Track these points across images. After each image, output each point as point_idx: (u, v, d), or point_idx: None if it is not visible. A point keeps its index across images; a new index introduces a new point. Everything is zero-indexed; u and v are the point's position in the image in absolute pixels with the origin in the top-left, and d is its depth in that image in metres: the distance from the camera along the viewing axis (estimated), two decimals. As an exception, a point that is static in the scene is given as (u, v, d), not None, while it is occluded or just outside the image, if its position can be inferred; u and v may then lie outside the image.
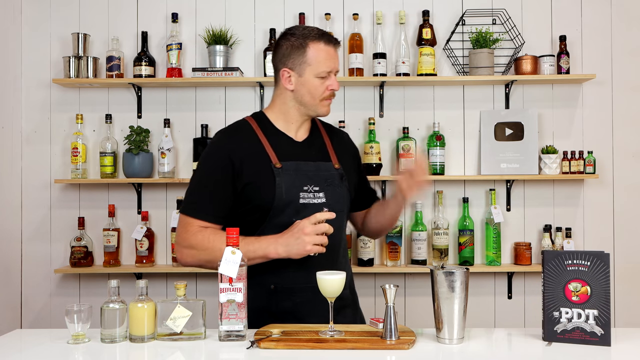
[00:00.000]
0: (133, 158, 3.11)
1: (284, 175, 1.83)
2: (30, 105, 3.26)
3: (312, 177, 1.87)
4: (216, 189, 1.85)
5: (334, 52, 1.87)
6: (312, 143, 1.96)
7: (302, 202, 1.84)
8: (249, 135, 1.90)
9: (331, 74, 1.86)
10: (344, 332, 1.62)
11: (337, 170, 1.93)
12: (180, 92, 3.27)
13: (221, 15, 3.28)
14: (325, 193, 1.87)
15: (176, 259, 3.15)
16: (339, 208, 1.87)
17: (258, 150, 1.87)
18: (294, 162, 1.87)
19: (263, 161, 1.85)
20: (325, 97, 1.88)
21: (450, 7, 3.27)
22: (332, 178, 1.91)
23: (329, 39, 1.86)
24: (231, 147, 1.87)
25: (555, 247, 3.14)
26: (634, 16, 3.25)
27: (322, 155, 1.95)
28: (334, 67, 1.86)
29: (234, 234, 1.63)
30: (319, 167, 1.90)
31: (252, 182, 1.83)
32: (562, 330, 1.58)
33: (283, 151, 1.88)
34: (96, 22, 3.27)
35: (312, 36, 1.85)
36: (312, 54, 1.84)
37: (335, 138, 2.04)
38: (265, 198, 1.82)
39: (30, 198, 3.25)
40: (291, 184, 1.83)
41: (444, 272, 1.57)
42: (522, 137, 3.18)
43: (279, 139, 1.91)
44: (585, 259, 1.57)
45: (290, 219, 1.80)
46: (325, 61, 1.84)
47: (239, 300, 1.59)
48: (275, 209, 1.82)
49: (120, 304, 1.62)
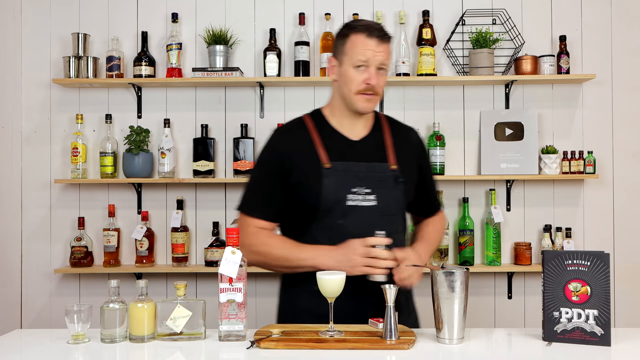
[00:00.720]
0: (133, 158, 3.11)
1: (331, 176, 1.81)
2: (30, 105, 3.26)
3: (363, 178, 1.82)
4: (266, 187, 1.86)
5: (376, 45, 1.78)
6: (369, 142, 1.89)
7: (350, 204, 1.79)
8: (302, 134, 1.88)
9: (369, 67, 1.79)
10: (344, 332, 1.62)
11: (392, 171, 1.85)
12: (180, 92, 3.27)
13: (221, 15, 3.28)
14: (376, 195, 1.81)
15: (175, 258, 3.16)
16: (390, 212, 1.83)
17: (309, 150, 1.85)
18: (344, 163, 1.82)
19: (313, 161, 1.83)
20: (360, 90, 1.80)
21: (450, 7, 3.27)
22: (386, 180, 1.84)
23: (372, 31, 1.79)
24: (282, 146, 1.87)
25: (555, 247, 3.14)
26: (634, 16, 3.25)
27: (379, 155, 1.87)
28: (370, 58, 1.78)
29: (234, 234, 1.63)
30: (372, 168, 1.84)
31: (301, 182, 1.83)
32: (562, 330, 1.58)
33: (335, 151, 1.85)
34: (96, 22, 3.27)
35: (357, 27, 1.81)
36: (350, 43, 1.80)
37: (399, 136, 1.94)
38: (312, 198, 1.80)
39: (30, 198, 3.25)
40: (338, 186, 1.80)
41: (444, 272, 1.57)
42: (522, 137, 3.18)
43: (333, 138, 1.87)
44: (585, 259, 1.57)
45: (336, 221, 1.79)
46: (362, 51, 1.78)
47: (239, 300, 1.59)
48: (322, 210, 1.80)
49: (120, 304, 1.62)
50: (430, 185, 2.04)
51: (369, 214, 1.79)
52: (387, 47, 1.81)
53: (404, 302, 1.89)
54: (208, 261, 3.12)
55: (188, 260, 3.20)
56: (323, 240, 1.81)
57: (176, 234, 3.15)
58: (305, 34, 3.17)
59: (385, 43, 1.80)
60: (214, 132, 3.25)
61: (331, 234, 1.79)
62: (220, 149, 3.26)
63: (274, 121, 3.22)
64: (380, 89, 1.84)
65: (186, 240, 3.18)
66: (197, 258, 3.24)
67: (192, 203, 3.26)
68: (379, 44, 1.79)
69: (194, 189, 3.26)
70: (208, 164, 3.15)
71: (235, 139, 3.16)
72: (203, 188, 3.26)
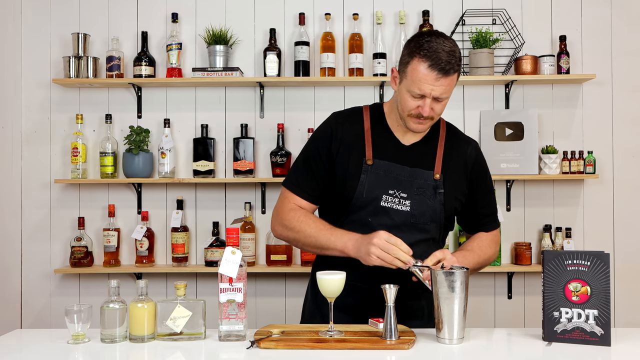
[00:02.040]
0: (133, 158, 3.11)
1: (371, 174, 1.80)
2: (30, 105, 3.26)
3: (403, 182, 1.80)
4: (312, 168, 1.86)
5: (435, 79, 1.69)
6: (419, 148, 1.86)
7: (384, 205, 1.78)
8: (357, 123, 1.87)
9: (425, 98, 1.72)
10: (344, 332, 1.62)
11: (435, 181, 1.81)
12: (180, 92, 3.27)
13: (221, 15, 3.28)
14: (412, 201, 1.79)
15: (175, 258, 3.16)
16: (423, 220, 1.80)
17: (358, 142, 1.84)
18: (387, 163, 1.81)
19: (358, 153, 1.82)
20: (411, 114, 1.76)
21: (450, 7, 3.27)
22: (426, 188, 1.80)
23: (436, 63, 1.68)
24: (335, 131, 1.86)
25: (555, 247, 3.14)
26: (634, 16, 3.25)
27: (425, 163, 1.83)
28: (427, 92, 1.70)
29: (234, 234, 1.63)
30: (415, 174, 1.81)
31: (341, 172, 1.83)
32: (562, 330, 1.58)
33: (382, 149, 1.83)
34: (96, 22, 3.27)
35: (422, 52, 1.70)
36: (411, 69, 1.72)
37: (454, 147, 1.88)
38: (347, 191, 1.80)
39: (30, 198, 3.25)
40: (375, 185, 1.79)
41: (444, 272, 1.57)
42: (522, 137, 3.18)
43: (384, 136, 1.86)
44: (585, 259, 1.57)
45: (367, 219, 1.79)
46: (419, 83, 1.70)
47: (239, 300, 1.59)
48: (354, 204, 1.80)
49: (120, 304, 1.62)
50: (483, 202, 1.95)
51: (400, 218, 1.78)
52: (449, 80, 1.71)
53: (424, 306, 1.87)
54: (208, 261, 3.13)
55: (188, 260, 3.20)
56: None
57: (176, 234, 3.15)
58: (305, 34, 3.17)
59: (448, 77, 1.70)
60: (214, 132, 3.25)
61: (359, 230, 1.77)
62: (220, 149, 3.26)
63: (273, 121, 3.22)
64: (436, 115, 1.77)
65: (186, 240, 3.18)
66: (197, 258, 3.24)
67: (192, 203, 3.26)
68: (441, 78, 1.69)
69: (194, 189, 3.26)
70: (208, 164, 3.15)
71: (235, 139, 3.16)
72: (203, 188, 3.26)
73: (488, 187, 1.96)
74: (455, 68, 1.71)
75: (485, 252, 1.91)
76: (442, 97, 1.73)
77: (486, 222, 1.96)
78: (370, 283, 1.76)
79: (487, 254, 1.91)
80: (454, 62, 1.70)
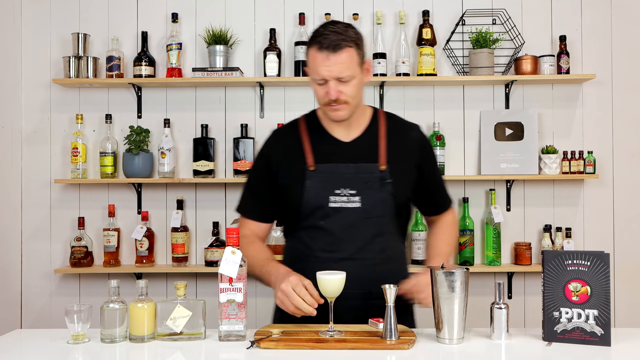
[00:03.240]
0: (133, 158, 3.11)
1: (315, 178, 1.80)
2: (30, 105, 3.26)
3: (349, 179, 1.79)
4: (256, 190, 1.91)
5: (326, 59, 1.70)
6: (361, 143, 1.85)
7: (333, 206, 1.78)
8: (293, 135, 1.89)
9: (328, 81, 1.72)
10: (344, 332, 1.62)
11: (381, 172, 1.81)
12: (180, 92, 3.27)
13: (221, 15, 3.28)
14: (361, 197, 1.78)
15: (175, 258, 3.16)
16: (375, 213, 1.80)
17: (297, 152, 1.85)
18: (330, 165, 1.81)
19: (299, 164, 1.83)
20: (325, 102, 1.76)
21: (450, 7, 3.26)
22: (372, 181, 1.80)
23: (322, 44, 1.70)
24: (273, 147, 1.91)
25: (555, 247, 3.14)
26: (634, 16, 3.25)
27: (369, 156, 1.83)
28: (324, 75, 1.71)
29: (234, 234, 1.63)
30: (359, 169, 1.80)
31: (285, 184, 1.84)
32: (562, 330, 1.58)
33: (322, 152, 1.83)
34: (96, 22, 3.27)
35: (311, 40, 1.74)
36: (308, 58, 1.76)
37: (396, 135, 1.88)
38: (295, 200, 1.81)
39: (30, 198, 3.25)
40: (321, 188, 1.79)
41: (444, 272, 1.57)
42: (522, 137, 3.18)
43: (323, 140, 1.86)
44: (585, 259, 1.57)
45: (318, 223, 1.80)
46: (315, 68, 1.73)
47: (239, 300, 1.59)
48: (303, 212, 1.81)
49: (120, 304, 1.62)
50: (435, 184, 1.97)
51: (352, 215, 1.79)
52: (342, 58, 1.70)
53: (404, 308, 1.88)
54: (208, 261, 3.13)
55: (188, 260, 3.20)
56: (306, 240, 1.83)
57: (176, 234, 3.15)
58: (305, 34, 3.17)
59: (337, 54, 1.69)
60: (214, 132, 3.25)
61: (314, 235, 1.81)
62: (220, 149, 3.26)
63: (274, 121, 3.22)
64: (349, 97, 1.75)
65: (186, 240, 3.18)
66: (197, 258, 3.24)
67: (192, 203, 3.26)
68: (331, 56, 1.69)
69: (194, 189, 3.26)
70: (208, 164, 3.15)
71: (235, 139, 3.16)
72: (203, 188, 3.26)
73: (436, 168, 1.99)
74: (343, 44, 1.70)
75: (452, 242, 2.02)
76: (344, 76, 1.71)
77: (442, 202, 2.01)
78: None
79: (453, 243, 2.03)
80: (341, 39, 1.70)
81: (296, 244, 1.87)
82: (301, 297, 1.60)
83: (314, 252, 1.81)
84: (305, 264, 1.79)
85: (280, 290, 1.63)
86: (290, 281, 1.62)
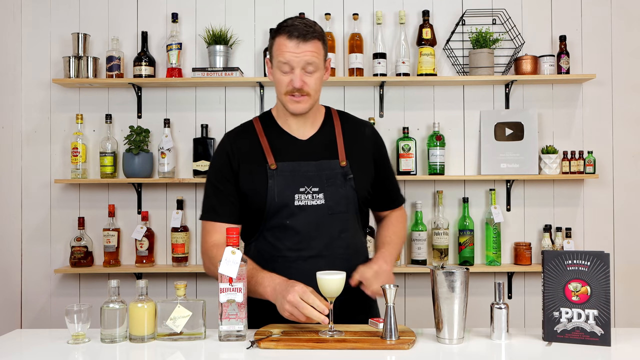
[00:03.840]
0: (133, 158, 3.11)
1: (277, 177, 1.81)
2: (30, 105, 3.26)
3: (312, 177, 1.81)
4: (222, 191, 1.86)
5: (296, 46, 1.73)
6: (318, 140, 1.88)
7: (298, 204, 1.79)
8: (250, 136, 1.89)
9: (294, 69, 1.75)
10: (344, 332, 1.62)
11: (342, 168, 1.83)
12: (180, 92, 3.27)
13: (221, 15, 3.28)
14: (325, 194, 1.80)
15: (175, 258, 3.16)
16: (340, 209, 1.81)
17: (256, 152, 1.85)
18: (291, 163, 1.82)
19: (259, 163, 1.83)
20: (287, 91, 1.77)
21: (450, 7, 3.27)
22: (335, 177, 1.82)
23: (292, 32, 1.74)
24: (231, 149, 1.87)
25: (555, 247, 3.14)
26: (634, 16, 3.25)
27: (328, 153, 1.85)
28: (291, 60, 1.74)
29: (233, 234, 1.63)
30: (321, 166, 1.82)
31: (247, 184, 1.83)
32: (562, 330, 1.58)
33: (282, 151, 1.85)
34: (96, 22, 3.27)
35: (280, 29, 1.77)
36: (275, 46, 1.78)
37: (352, 132, 1.92)
38: (258, 200, 1.81)
39: (30, 198, 3.25)
40: (285, 186, 1.80)
41: (444, 272, 1.57)
42: (522, 137, 3.18)
43: (281, 138, 1.88)
44: (585, 259, 1.57)
45: (284, 222, 1.79)
46: (282, 53, 1.74)
47: (239, 300, 1.59)
48: (269, 211, 1.80)
49: (120, 304, 1.62)
50: (388, 180, 1.99)
51: (317, 213, 1.79)
52: (311, 47, 1.74)
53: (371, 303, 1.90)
54: (208, 261, 3.12)
55: (188, 260, 3.20)
56: (272, 241, 1.82)
57: (176, 234, 3.15)
58: (305, 34, 3.17)
59: (307, 42, 1.74)
60: (214, 132, 3.25)
61: (280, 234, 1.81)
62: (220, 149, 3.26)
63: (274, 121, 3.22)
64: (312, 90, 1.78)
65: (186, 240, 3.18)
66: (197, 258, 3.24)
67: (192, 203, 3.26)
68: (300, 44, 1.73)
69: (194, 189, 3.26)
70: (208, 164, 3.15)
71: (235, 139, 3.16)
72: (203, 188, 3.25)
73: (389, 163, 2.02)
74: (314, 35, 1.75)
75: (403, 235, 2.01)
76: (311, 64, 1.75)
77: (395, 197, 2.03)
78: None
79: (403, 236, 2.01)
80: (311, 30, 1.76)
81: (261, 245, 1.85)
82: (310, 305, 1.57)
83: (281, 252, 1.81)
84: (274, 265, 1.79)
85: (287, 302, 1.59)
86: (297, 290, 1.59)
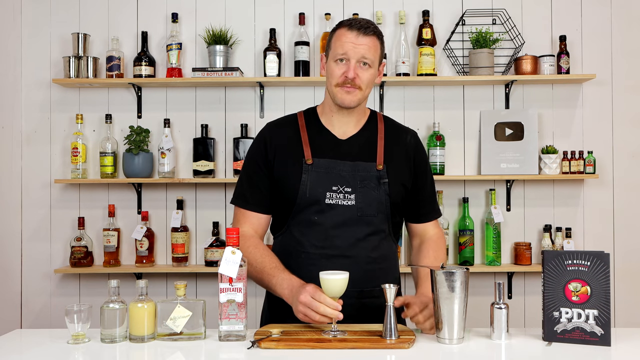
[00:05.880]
0: (133, 158, 3.11)
1: (312, 173, 1.80)
2: (30, 105, 3.26)
3: (346, 177, 1.80)
4: (255, 180, 1.87)
5: (355, 38, 1.76)
6: (358, 141, 1.87)
7: (329, 202, 1.79)
8: (291, 128, 1.89)
9: (350, 60, 1.77)
10: (346, 332, 1.62)
11: (378, 171, 1.82)
12: (180, 92, 3.27)
13: (221, 15, 3.28)
14: (356, 195, 1.79)
15: (175, 258, 3.16)
16: (370, 212, 1.80)
17: (295, 145, 1.85)
18: (327, 160, 1.81)
19: (296, 156, 1.83)
20: (338, 82, 1.78)
21: (450, 7, 3.27)
22: (369, 180, 1.81)
23: (354, 24, 1.78)
24: (269, 138, 1.88)
25: (555, 247, 3.14)
26: (634, 16, 3.25)
27: (366, 155, 1.84)
28: (349, 51, 1.76)
29: (234, 234, 1.62)
30: (357, 167, 1.81)
31: (281, 176, 1.84)
32: (562, 330, 1.58)
33: (320, 148, 1.84)
34: (96, 22, 3.27)
35: (343, 23, 1.81)
36: (334, 37, 1.81)
37: (393, 137, 1.90)
38: (290, 193, 1.81)
39: (30, 198, 3.25)
40: (318, 183, 1.80)
41: (444, 272, 1.57)
42: (522, 137, 3.18)
43: (321, 135, 1.87)
44: (585, 259, 1.57)
45: (312, 218, 1.79)
46: (342, 44, 1.77)
47: (239, 300, 1.59)
48: (298, 205, 1.80)
49: (120, 304, 1.62)
50: (424, 190, 1.95)
51: (346, 213, 1.79)
52: (370, 41, 1.78)
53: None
54: (208, 261, 3.13)
55: (188, 260, 3.20)
56: (298, 236, 1.82)
57: (176, 234, 3.15)
58: (305, 34, 3.17)
59: (367, 36, 1.77)
60: (214, 132, 3.25)
61: (305, 230, 1.81)
62: (220, 149, 3.26)
63: (274, 121, 3.22)
64: (363, 84, 1.79)
65: (186, 240, 3.18)
66: (197, 258, 3.24)
67: (192, 203, 3.26)
68: (360, 36, 1.76)
69: (194, 189, 3.26)
70: (208, 164, 3.15)
71: (235, 139, 3.16)
72: (203, 188, 3.26)
73: (429, 176, 1.98)
74: (374, 31, 1.79)
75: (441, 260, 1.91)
76: (367, 59, 1.77)
77: (427, 210, 1.97)
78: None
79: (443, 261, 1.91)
80: (372, 27, 1.80)
81: (287, 240, 1.86)
82: (322, 303, 1.57)
83: (305, 248, 1.81)
84: (296, 260, 1.80)
85: (300, 303, 1.59)
86: (308, 291, 1.60)
